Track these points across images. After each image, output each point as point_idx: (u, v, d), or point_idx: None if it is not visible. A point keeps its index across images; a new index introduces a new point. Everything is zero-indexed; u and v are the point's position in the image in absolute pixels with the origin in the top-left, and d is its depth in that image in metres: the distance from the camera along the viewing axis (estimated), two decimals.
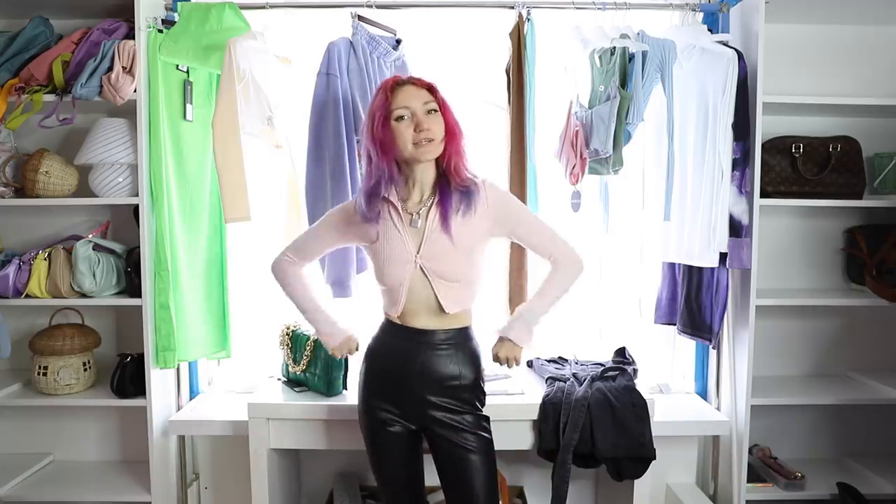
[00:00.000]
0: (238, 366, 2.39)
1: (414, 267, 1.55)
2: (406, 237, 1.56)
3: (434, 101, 1.53)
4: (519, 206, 1.66)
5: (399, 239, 1.56)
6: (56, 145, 2.25)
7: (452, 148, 1.54)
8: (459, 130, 1.56)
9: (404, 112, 1.51)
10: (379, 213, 1.56)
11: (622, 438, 1.81)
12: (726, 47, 1.95)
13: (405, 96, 1.51)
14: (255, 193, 2.03)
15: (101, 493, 2.12)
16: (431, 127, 1.50)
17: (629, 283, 2.30)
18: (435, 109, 1.53)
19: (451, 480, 1.59)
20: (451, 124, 1.55)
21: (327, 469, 2.40)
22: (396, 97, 1.51)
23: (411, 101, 1.51)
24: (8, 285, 2.05)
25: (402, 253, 1.55)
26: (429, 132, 1.50)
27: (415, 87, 1.53)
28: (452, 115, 1.56)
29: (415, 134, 1.50)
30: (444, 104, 1.56)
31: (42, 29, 2.09)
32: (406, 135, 1.50)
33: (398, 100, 1.51)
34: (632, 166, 2.09)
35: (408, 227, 1.57)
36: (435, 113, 1.53)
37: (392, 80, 1.55)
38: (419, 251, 1.55)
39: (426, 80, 1.56)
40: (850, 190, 2.15)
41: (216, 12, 1.97)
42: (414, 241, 1.56)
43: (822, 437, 2.41)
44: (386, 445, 1.61)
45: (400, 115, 1.51)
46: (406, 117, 1.51)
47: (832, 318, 2.40)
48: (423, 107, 1.51)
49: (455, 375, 1.58)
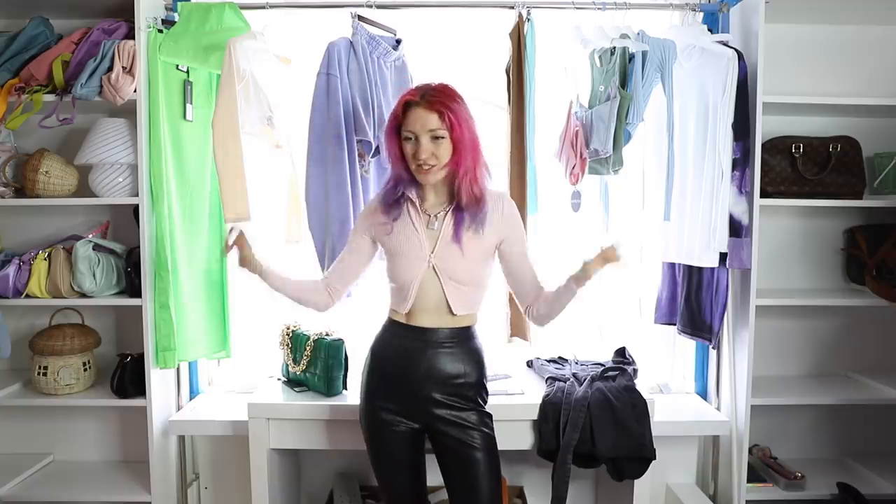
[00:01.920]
0: (238, 366, 2.39)
1: (427, 266, 1.57)
2: (423, 237, 1.59)
3: (442, 128, 1.50)
4: (523, 234, 1.67)
5: (416, 237, 1.58)
6: (56, 145, 2.25)
7: (462, 168, 1.53)
8: (471, 150, 1.53)
9: (409, 134, 1.52)
10: (399, 203, 1.59)
11: (622, 438, 1.81)
12: (726, 47, 1.95)
13: (412, 119, 1.51)
14: (255, 193, 2.03)
15: (101, 493, 2.12)
16: (435, 152, 1.51)
17: (629, 283, 2.30)
18: (441, 136, 1.51)
19: (455, 477, 1.60)
20: (462, 146, 1.51)
21: (327, 469, 2.40)
22: (406, 117, 1.52)
23: (416, 125, 1.50)
24: (8, 285, 2.05)
25: (418, 251, 1.58)
26: (428, 159, 1.51)
27: (425, 110, 1.50)
28: (465, 136, 1.51)
29: (413, 158, 1.52)
30: (455, 126, 1.50)
31: (42, 29, 2.09)
32: (410, 155, 1.54)
33: (407, 121, 1.52)
34: (632, 166, 2.09)
35: (425, 227, 1.59)
36: (442, 139, 1.51)
37: (406, 96, 1.53)
38: (433, 251, 1.57)
39: (440, 102, 1.50)
40: (850, 190, 2.15)
41: (216, 12, 1.97)
42: (430, 241, 1.59)
43: (822, 437, 2.41)
44: (389, 446, 1.61)
45: (406, 135, 1.53)
46: (412, 139, 1.53)
47: (832, 318, 2.39)
48: (427, 134, 1.50)
49: (459, 373, 1.59)
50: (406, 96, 1.54)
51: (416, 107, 1.51)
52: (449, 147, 1.52)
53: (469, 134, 1.53)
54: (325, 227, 1.99)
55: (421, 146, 1.50)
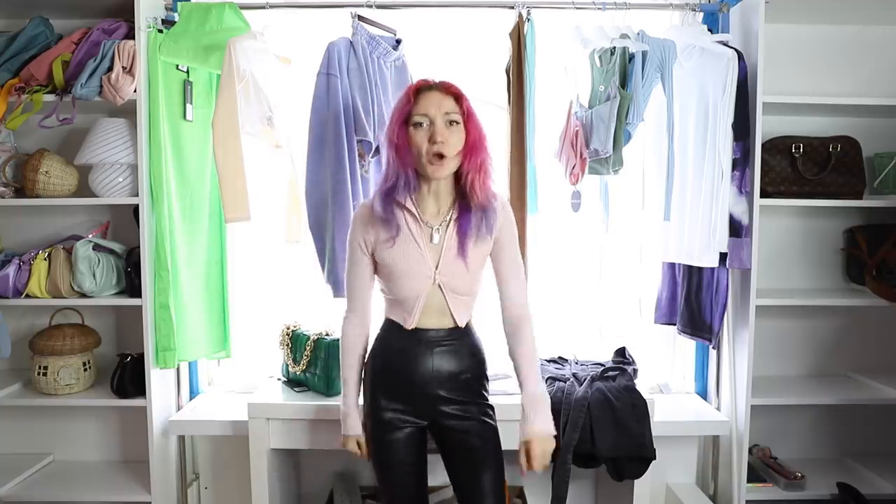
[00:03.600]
0: (238, 366, 2.39)
1: (433, 283, 1.53)
2: (425, 253, 1.52)
3: (458, 112, 1.46)
4: (515, 239, 1.61)
5: (418, 253, 1.52)
6: (56, 145, 2.25)
7: (471, 164, 1.47)
8: (482, 145, 1.49)
9: (422, 119, 1.45)
10: (394, 214, 1.51)
11: (622, 438, 1.81)
12: (726, 47, 1.95)
13: (427, 102, 1.45)
14: (255, 193, 2.03)
15: (101, 493, 2.12)
16: (447, 140, 1.43)
17: (629, 283, 2.30)
18: (457, 121, 1.46)
19: (460, 469, 1.60)
20: (474, 138, 1.47)
21: (327, 469, 2.40)
22: (419, 101, 1.46)
23: (431, 108, 1.44)
24: (8, 285, 2.05)
25: (422, 269, 1.52)
26: (442, 146, 1.43)
27: (441, 93, 1.46)
28: (477, 128, 1.49)
29: (428, 145, 1.44)
30: (471, 115, 1.48)
31: (42, 29, 2.09)
32: (421, 143, 1.45)
33: (420, 105, 1.46)
34: (632, 166, 2.09)
35: (428, 242, 1.53)
36: (456, 125, 1.46)
37: (419, 83, 1.49)
38: (437, 267, 1.53)
39: (456, 87, 1.48)
40: (850, 190, 2.15)
41: (216, 12, 1.97)
42: (433, 257, 1.53)
43: (822, 437, 2.41)
44: (392, 446, 1.60)
45: (418, 121, 1.45)
46: (424, 125, 1.45)
47: (832, 318, 2.39)
48: (443, 116, 1.44)
49: (462, 369, 1.59)
50: (419, 83, 1.49)
51: (432, 90, 1.47)
52: (462, 136, 1.46)
53: (479, 128, 1.50)
54: (325, 227, 1.99)
55: (437, 128, 1.43)
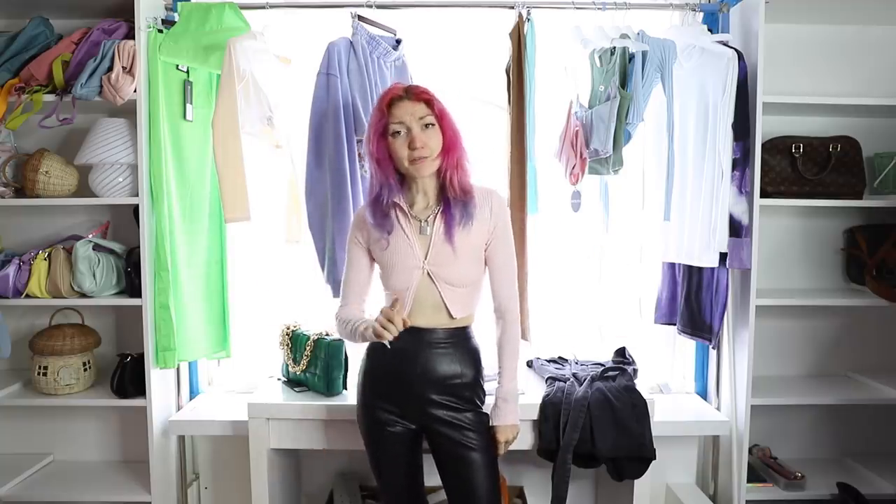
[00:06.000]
0: (238, 366, 2.39)
1: (422, 273, 1.56)
2: (415, 244, 1.57)
3: (431, 115, 1.52)
4: (510, 234, 1.65)
5: (407, 244, 1.57)
6: (56, 145, 2.25)
7: (449, 162, 1.54)
8: (458, 143, 1.55)
9: (399, 128, 1.51)
10: (387, 216, 1.57)
11: (622, 438, 1.81)
12: (726, 47, 1.95)
13: (401, 111, 1.51)
14: (255, 193, 2.03)
15: (101, 493, 2.12)
16: (427, 143, 1.50)
17: (629, 283, 2.30)
18: (432, 123, 1.52)
19: (453, 478, 1.59)
20: (450, 137, 1.54)
21: (327, 469, 2.40)
22: (393, 112, 1.52)
23: (406, 116, 1.51)
24: (8, 285, 2.05)
25: (410, 259, 1.56)
26: (423, 150, 1.50)
27: (411, 101, 1.52)
28: (452, 127, 1.55)
29: (409, 151, 1.50)
30: (443, 115, 1.54)
31: (42, 29, 2.09)
32: (402, 151, 1.52)
33: (394, 115, 1.51)
34: (632, 166, 2.09)
35: (417, 234, 1.58)
36: (432, 127, 1.52)
37: (388, 96, 1.54)
38: (426, 257, 1.56)
39: (424, 92, 1.55)
40: (850, 190, 2.15)
41: (216, 12, 1.97)
42: (422, 247, 1.57)
43: (822, 437, 2.41)
44: (386, 445, 1.61)
45: (396, 129, 1.52)
46: (402, 132, 1.52)
47: (832, 318, 2.39)
48: (418, 122, 1.51)
49: (456, 374, 1.59)
50: (388, 95, 1.54)
51: (403, 100, 1.52)
52: (439, 137, 1.52)
53: (453, 126, 1.56)
54: (324, 227, 1.99)
55: (415, 135, 1.50)
